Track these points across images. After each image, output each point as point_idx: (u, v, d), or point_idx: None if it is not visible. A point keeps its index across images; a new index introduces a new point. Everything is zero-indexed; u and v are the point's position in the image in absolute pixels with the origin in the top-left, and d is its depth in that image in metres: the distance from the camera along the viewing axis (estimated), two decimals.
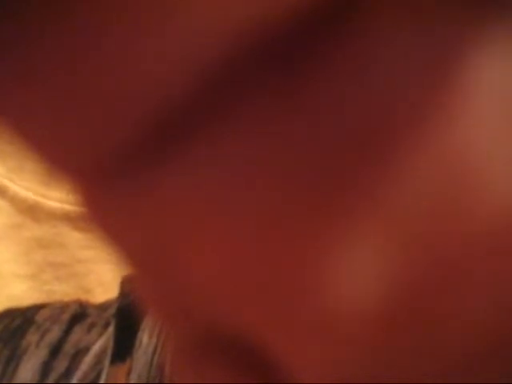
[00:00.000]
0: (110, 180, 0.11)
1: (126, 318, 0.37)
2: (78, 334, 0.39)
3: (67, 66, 0.10)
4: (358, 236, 0.10)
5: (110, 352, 0.37)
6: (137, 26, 0.09)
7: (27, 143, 0.11)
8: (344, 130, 0.10)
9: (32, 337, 0.40)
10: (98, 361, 0.38)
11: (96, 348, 0.38)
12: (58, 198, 0.54)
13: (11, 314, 0.42)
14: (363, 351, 0.11)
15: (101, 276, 0.54)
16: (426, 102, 0.10)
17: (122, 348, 0.36)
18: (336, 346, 0.11)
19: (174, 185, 0.10)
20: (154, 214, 0.11)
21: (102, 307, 0.42)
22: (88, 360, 0.38)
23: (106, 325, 0.40)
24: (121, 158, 0.10)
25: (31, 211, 0.54)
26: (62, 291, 0.54)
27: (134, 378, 0.35)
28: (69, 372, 0.38)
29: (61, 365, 0.38)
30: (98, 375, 0.37)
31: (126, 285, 0.38)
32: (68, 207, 0.53)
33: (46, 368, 0.38)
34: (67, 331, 0.40)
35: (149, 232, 0.11)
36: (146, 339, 0.35)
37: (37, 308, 0.42)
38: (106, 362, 0.37)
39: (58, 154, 0.11)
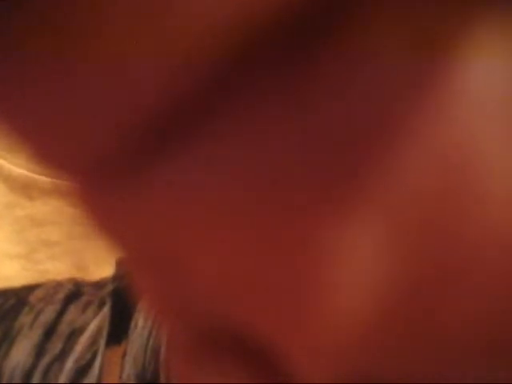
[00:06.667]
0: (109, 180, 0.11)
1: (121, 299, 0.37)
2: (72, 314, 0.39)
3: (65, 68, 0.10)
4: (357, 235, 0.10)
5: (105, 333, 0.37)
6: (136, 25, 0.09)
7: (24, 144, 0.11)
8: (342, 128, 0.10)
9: (25, 318, 0.39)
10: (94, 341, 0.37)
11: (91, 328, 0.38)
12: (51, 173, 0.54)
13: (4, 294, 0.42)
14: (365, 350, 0.11)
15: (96, 252, 0.54)
16: (423, 99, 0.10)
17: (117, 330, 0.36)
18: (338, 344, 0.11)
19: (174, 184, 0.10)
20: (153, 214, 0.11)
21: (98, 285, 0.42)
22: (83, 341, 0.38)
23: (102, 304, 0.40)
24: (119, 158, 0.11)
25: (24, 189, 0.54)
26: (55, 270, 0.54)
27: (129, 361, 0.34)
28: (63, 353, 0.38)
29: (55, 346, 0.38)
30: (94, 356, 0.37)
31: (121, 266, 0.38)
32: (61, 182, 0.53)
33: (39, 350, 0.38)
34: (62, 311, 0.40)
35: (148, 232, 0.11)
36: (141, 322, 0.35)
37: (30, 288, 0.42)
38: (102, 343, 0.37)
39: (56, 153, 0.11)
